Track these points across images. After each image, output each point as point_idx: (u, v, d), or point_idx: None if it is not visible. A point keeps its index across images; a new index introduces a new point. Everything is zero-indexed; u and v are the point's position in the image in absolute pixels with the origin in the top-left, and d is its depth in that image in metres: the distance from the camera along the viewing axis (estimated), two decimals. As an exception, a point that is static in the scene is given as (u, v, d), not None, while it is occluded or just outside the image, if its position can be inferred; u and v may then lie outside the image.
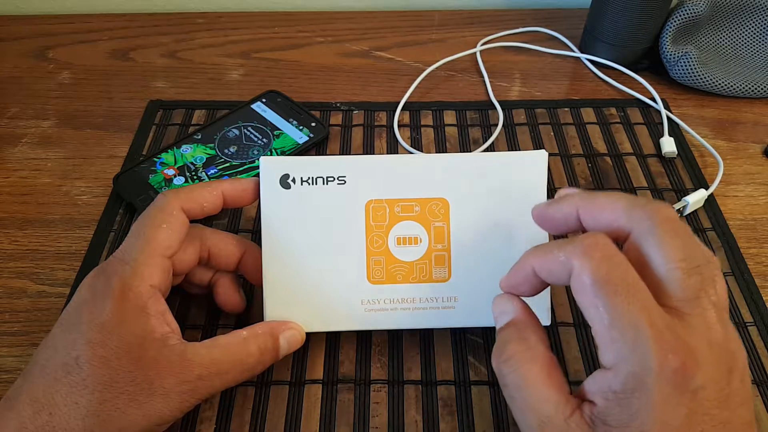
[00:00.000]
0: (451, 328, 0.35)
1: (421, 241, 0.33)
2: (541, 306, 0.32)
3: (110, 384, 0.26)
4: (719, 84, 0.50)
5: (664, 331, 0.21)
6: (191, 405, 0.28)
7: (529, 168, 0.33)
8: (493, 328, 0.36)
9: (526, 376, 0.24)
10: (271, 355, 0.31)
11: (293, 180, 0.33)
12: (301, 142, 0.46)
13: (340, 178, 0.33)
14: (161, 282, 0.29)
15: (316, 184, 0.33)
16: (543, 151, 0.33)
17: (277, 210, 0.33)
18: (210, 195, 0.31)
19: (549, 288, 0.32)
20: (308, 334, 0.34)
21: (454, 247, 0.33)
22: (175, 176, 0.43)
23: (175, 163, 0.44)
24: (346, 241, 0.33)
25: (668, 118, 0.48)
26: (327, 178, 0.33)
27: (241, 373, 0.29)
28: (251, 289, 0.37)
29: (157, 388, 0.26)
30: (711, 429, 0.21)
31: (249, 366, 0.30)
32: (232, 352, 0.29)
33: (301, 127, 0.47)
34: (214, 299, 0.34)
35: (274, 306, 0.32)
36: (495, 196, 0.33)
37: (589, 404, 0.23)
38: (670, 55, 0.51)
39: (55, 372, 0.26)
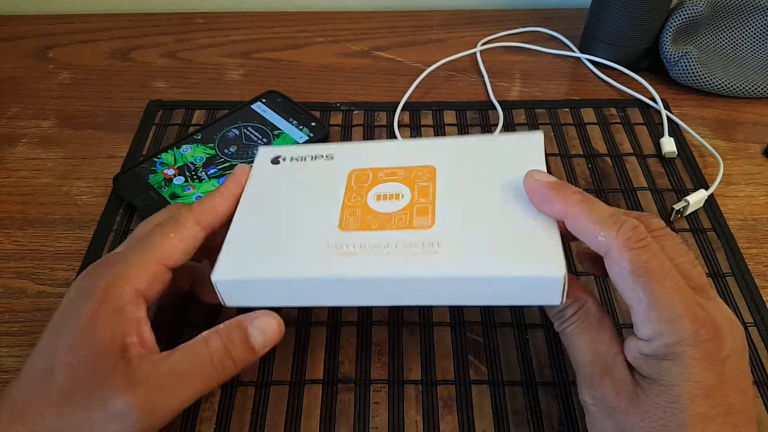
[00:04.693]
0: (450, 327, 0.35)
1: (402, 197, 0.30)
2: (554, 287, 0.26)
3: (70, 396, 0.24)
4: (719, 84, 0.50)
5: (696, 309, 0.24)
6: (161, 419, 0.25)
7: (524, 151, 0.30)
8: (495, 325, 0.36)
9: (578, 331, 0.27)
10: (242, 348, 0.27)
11: (283, 159, 0.33)
12: (301, 141, 0.46)
13: (327, 156, 0.33)
14: (148, 288, 0.27)
15: (305, 161, 0.33)
16: (539, 131, 0.31)
17: (262, 180, 0.32)
18: (222, 199, 0.31)
19: (565, 271, 0.26)
20: (308, 334, 0.34)
21: (439, 199, 0.29)
22: (175, 176, 0.43)
23: (175, 163, 0.44)
24: (323, 199, 0.30)
25: (668, 118, 0.48)
26: (315, 156, 0.33)
27: (209, 373, 0.26)
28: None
29: (111, 407, 0.24)
30: (733, 395, 0.24)
31: (217, 365, 0.26)
32: (193, 353, 0.26)
33: (301, 127, 0.47)
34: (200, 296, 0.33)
35: (231, 257, 0.28)
36: (487, 174, 0.30)
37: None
38: (670, 55, 0.51)
39: (35, 379, 0.25)
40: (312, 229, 0.29)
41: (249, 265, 0.28)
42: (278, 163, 0.33)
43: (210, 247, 0.31)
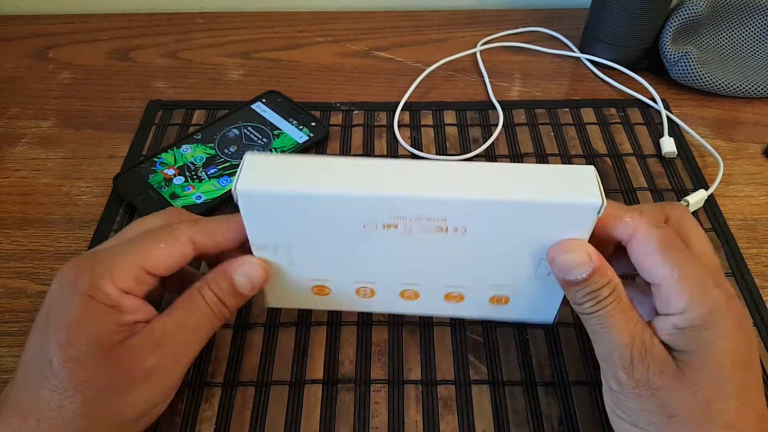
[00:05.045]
0: (450, 327, 0.35)
1: None
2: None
3: (88, 383, 0.25)
4: (719, 84, 0.50)
5: (722, 283, 0.26)
6: (178, 376, 0.28)
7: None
8: (495, 325, 0.36)
9: (615, 312, 0.26)
10: (231, 296, 0.29)
11: None
12: (301, 141, 0.46)
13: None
14: (132, 289, 0.27)
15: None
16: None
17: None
18: (227, 228, 0.29)
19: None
20: (308, 334, 0.34)
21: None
22: (175, 176, 0.43)
23: (175, 162, 0.44)
24: None
25: (668, 118, 0.48)
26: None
27: (211, 320, 0.28)
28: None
29: (137, 372, 0.26)
30: (757, 368, 0.26)
31: (216, 312, 0.28)
32: (195, 306, 0.28)
33: (301, 127, 0.47)
34: None
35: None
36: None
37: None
38: (670, 55, 0.51)
39: (35, 377, 0.25)
40: None
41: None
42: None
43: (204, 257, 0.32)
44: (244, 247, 0.30)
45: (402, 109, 0.50)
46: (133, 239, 0.28)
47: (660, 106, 0.49)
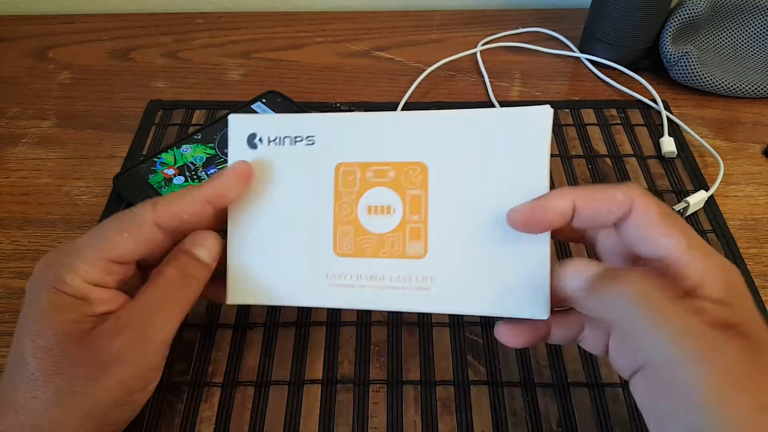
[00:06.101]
0: (449, 328, 0.35)
1: (394, 211, 0.30)
2: (539, 296, 0.28)
3: (58, 372, 0.25)
4: (719, 84, 0.50)
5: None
6: (153, 358, 0.28)
7: (529, 128, 0.28)
8: (493, 325, 0.36)
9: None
10: (196, 266, 0.29)
11: (260, 140, 0.30)
12: (300, 142, 0.46)
13: (308, 138, 0.30)
14: (101, 281, 0.27)
15: (284, 144, 0.30)
16: (547, 106, 0.28)
17: None
18: (191, 205, 0.29)
19: (549, 277, 0.28)
20: (307, 334, 0.34)
21: (432, 218, 0.29)
22: (175, 176, 0.43)
23: (175, 162, 0.44)
24: (313, 207, 0.30)
25: (668, 118, 0.48)
26: (295, 138, 0.30)
27: (179, 297, 0.28)
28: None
29: (106, 357, 0.26)
30: None
31: (185, 286, 0.28)
32: (158, 286, 0.28)
33: (300, 128, 0.47)
34: None
35: (237, 280, 0.31)
36: (484, 161, 0.29)
37: None
38: (670, 55, 0.51)
39: (12, 371, 0.26)
40: (308, 252, 0.30)
41: (255, 288, 0.31)
42: (256, 147, 0.30)
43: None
44: (216, 217, 0.30)
45: (402, 109, 0.50)
46: (98, 230, 0.28)
47: (660, 106, 0.49)
